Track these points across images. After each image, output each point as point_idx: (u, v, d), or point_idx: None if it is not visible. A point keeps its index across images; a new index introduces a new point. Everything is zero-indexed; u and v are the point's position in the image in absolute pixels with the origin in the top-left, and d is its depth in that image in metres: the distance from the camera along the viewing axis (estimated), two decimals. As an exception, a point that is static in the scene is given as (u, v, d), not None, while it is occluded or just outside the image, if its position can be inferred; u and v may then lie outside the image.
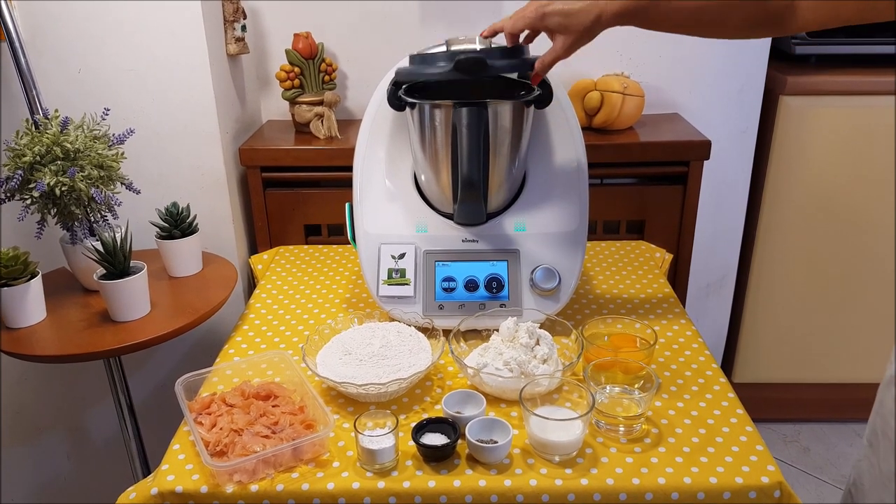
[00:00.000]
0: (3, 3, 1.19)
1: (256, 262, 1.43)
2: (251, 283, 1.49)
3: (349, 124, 1.57)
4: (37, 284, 1.12)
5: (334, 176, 1.46)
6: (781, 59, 1.68)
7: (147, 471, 1.37)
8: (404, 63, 1.17)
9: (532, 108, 1.09)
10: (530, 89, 1.07)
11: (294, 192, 1.48)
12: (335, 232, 1.53)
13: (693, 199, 1.47)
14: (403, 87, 1.10)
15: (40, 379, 1.56)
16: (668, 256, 1.42)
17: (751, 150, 1.70)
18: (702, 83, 1.63)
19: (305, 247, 1.48)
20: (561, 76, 1.40)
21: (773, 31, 0.90)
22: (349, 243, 1.19)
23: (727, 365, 1.92)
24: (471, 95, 1.17)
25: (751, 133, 1.69)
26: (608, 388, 0.94)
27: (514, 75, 1.16)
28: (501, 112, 1.05)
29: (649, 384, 0.92)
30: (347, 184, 1.19)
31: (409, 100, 1.07)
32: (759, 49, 1.61)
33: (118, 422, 1.33)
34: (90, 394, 1.60)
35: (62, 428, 1.65)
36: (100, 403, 1.61)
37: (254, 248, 1.56)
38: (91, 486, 1.71)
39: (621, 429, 0.89)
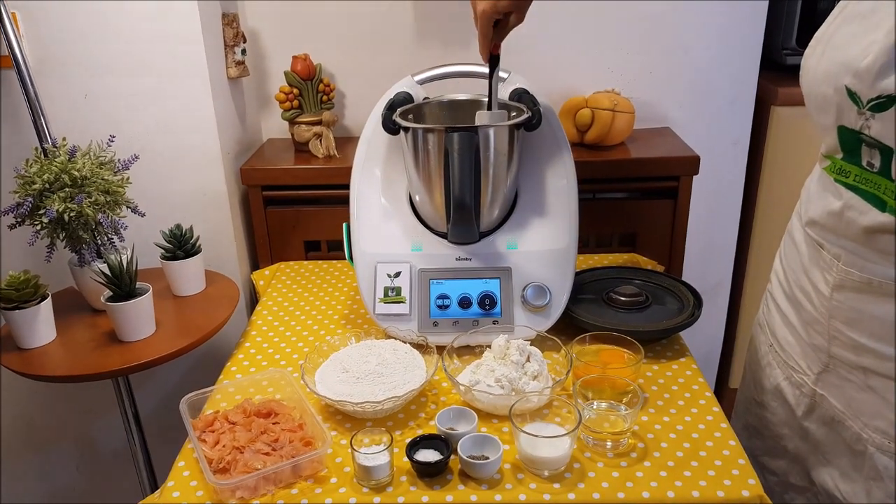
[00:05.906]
0: (10, 32, 1.24)
1: (258, 279, 1.47)
2: (253, 299, 1.53)
3: (347, 142, 1.60)
4: (46, 307, 1.16)
5: (333, 194, 1.49)
6: (772, 70, 1.70)
7: (154, 481, 1.41)
8: (401, 84, 1.20)
9: (522, 130, 1.12)
10: (521, 112, 1.11)
11: (294, 209, 1.51)
12: (335, 248, 1.56)
13: (683, 212, 1.50)
14: (398, 111, 1.14)
15: (49, 392, 1.60)
16: (660, 269, 1.45)
17: (743, 160, 1.72)
18: (693, 95, 1.65)
19: (306, 262, 1.51)
20: (552, 94, 1.42)
21: None
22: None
23: (723, 373, 1.94)
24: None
25: (743, 144, 1.71)
26: (595, 403, 0.97)
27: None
28: (492, 136, 1.08)
29: (636, 399, 0.95)
30: (346, 201, 1.21)
31: (403, 124, 1.11)
32: (749, 59, 1.63)
33: (126, 434, 1.37)
34: (98, 406, 1.64)
35: (71, 440, 1.69)
36: (108, 415, 1.64)
37: (255, 265, 1.59)
38: (100, 496, 1.75)
39: (608, 444, 0.92)
